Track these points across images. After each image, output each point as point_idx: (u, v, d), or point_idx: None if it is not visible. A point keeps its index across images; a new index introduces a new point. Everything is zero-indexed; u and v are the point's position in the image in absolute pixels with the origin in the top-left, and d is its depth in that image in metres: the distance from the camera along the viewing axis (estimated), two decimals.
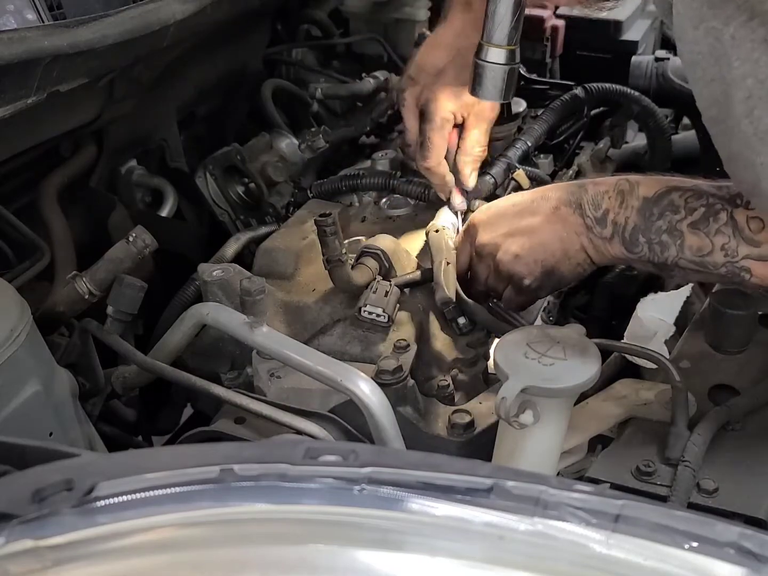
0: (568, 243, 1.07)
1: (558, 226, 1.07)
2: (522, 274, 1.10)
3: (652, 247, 1.01)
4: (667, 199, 1.00)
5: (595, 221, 1.04)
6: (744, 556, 0.47)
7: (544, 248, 1.08)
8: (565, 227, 1.06)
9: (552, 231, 1.07)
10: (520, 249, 1.10)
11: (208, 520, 0.51)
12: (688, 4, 0.79)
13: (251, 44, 1.72)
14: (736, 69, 0.78)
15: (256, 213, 1.47)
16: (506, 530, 0.49)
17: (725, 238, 0.96)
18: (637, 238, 1.01)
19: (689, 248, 0.98)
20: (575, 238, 1.06)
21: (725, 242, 0.96)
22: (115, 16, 1.03)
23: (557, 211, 1.07)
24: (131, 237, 1.14)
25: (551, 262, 1.09)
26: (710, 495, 0.84)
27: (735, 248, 0.95)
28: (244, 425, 1.03)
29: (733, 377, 1.02)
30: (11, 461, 0.57)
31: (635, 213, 1.01)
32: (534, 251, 1.09)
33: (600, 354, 0.91)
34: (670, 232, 0.99)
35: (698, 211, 0.97)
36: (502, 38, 1.14)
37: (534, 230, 1.09)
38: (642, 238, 1.01)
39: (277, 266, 1.20)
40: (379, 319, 1.09)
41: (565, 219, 1.06)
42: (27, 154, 1.23)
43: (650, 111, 1.61)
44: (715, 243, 0.96)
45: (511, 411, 0.85)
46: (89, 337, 1.13)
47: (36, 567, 0.48)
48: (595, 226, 1.04)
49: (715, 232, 0.96)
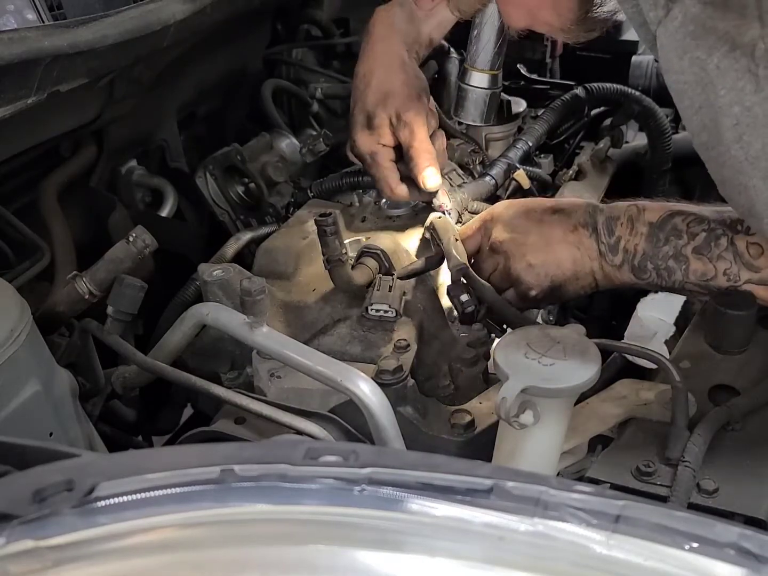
0: (580, 265, 1.10)
1: (574, 248, 1.10)
2: (531, 284, 1.12)
3: (660, 273, 1.04)
4: (670, 224, 1.03)
5: (608, 248, 1.08)
6: (744, 557, 0.47)
7: (558, 265, 1.11)
8: (580, 249, 1.10)
9: (568, 251, 1.10)
10: (536, 260, 1.12)
11: (209, 521, 0.51)
12: (671, 35, 0.80)
13: (251, 44, 1.72)
14: (722, 97, 0.79)
15: (256, 213, 1.47)
16: (506, 531, 0.49)
17: (727, 263, 0.99)
18: (645, 265, 1.05)
19: (693, 273, 1.02)
20: (588, 262, 1.10)
21: (727, 267, 0.99)
22: (115, 16, 1.03)
23: (576, 231, 1.10)
24: (131, 237, 1.14)
25: (560, 279, 1.12)
26: (710, 495, 0.84)
27: (737, 273, 0.99)
28: (244, 425, 1.03)
29: (733, 377, 1.02)
30: (11, 461, 0.57)
31: (643, 240, 1.05)
32: (548, 266, 1.11)
33: (600, 354, 0.91)
34: (675, 257, 1.02)
35: (700, 236, 1.01)
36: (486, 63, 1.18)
37: (552, 244, 1.12)
38: (650, 265, 1.04)
39: (277, 266, 1.21)
40: (387, 314, 1.09)
41: (581, 241, 1.10)
42: (27, 154, 1.23)
43: (651, 111, 1.62)
44: (717, 268, 1.00)
45: (511, 411, 0.85)
46: (89, 337, 1.14)
47: (36, 567, 0.48)
48: (607, 253, 1.08)
49: (717, 258, 1.00)
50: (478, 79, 1.19)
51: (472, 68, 1.19)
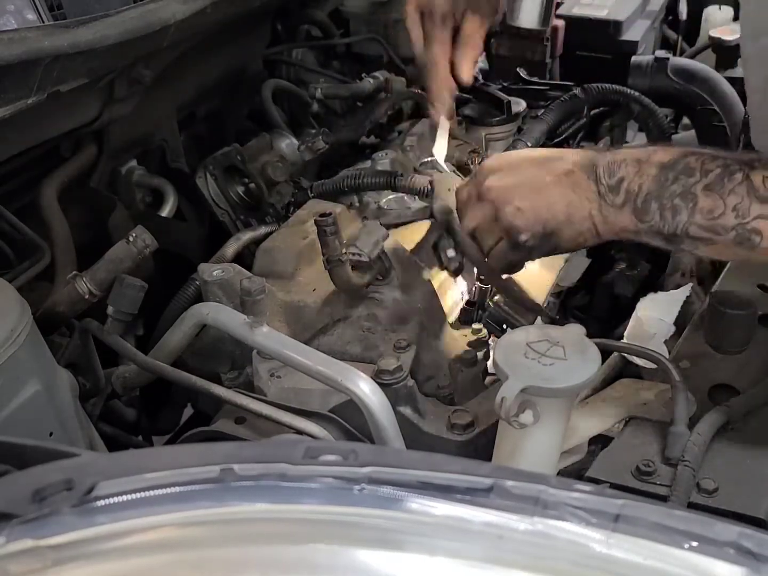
0: (575, 208, 1.04)
1: (569, 189, 1.04)
2: (521, 228, 1.06)
3: (664, 214, 0.98)
4: (683, 163, 0.97)
5: (608, 188, 1.01)
6: (743, 556, 0.47)
7: (550, 208, 1.05)
8: (576, 191, 1.04)
9: (561, 193, 1.04)
10: (526, 204, 1.06)
11: (208, 520, 0.51)
12: None
13: (251, 44, 1.72)
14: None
15: (256, 213, 1.47)
16: (506, 530, 0.49)
17: (738, 198, 0.93)
18: (649, 205, 0.98)
19: (701, 211, 0.95)
20: (585, 204, 1.03)
21: (738, 202, 0.93)
22: (115, 16, 1.03)
23: (571, 174, 1.04)
24: (131, 237, 1.14)
25: (553, 224, 1.05)
26: (710, 495, 0.84)
27: (747, 208, 0.93)
28: (244, 425, 1.03)
29: (733, 377, 1.02)
30: (11, 461, 0.57)
31: (650, 180, 0.99)
32: (539, 209, 1.05)
33: (600, 354, 0.91)
34: (683, 195, 0.96)
35: (714, 172, 0.95)
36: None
37: (544, 188, 1.06)
38: (654, 205, 0.98)
39: (277, 266, 1.21)
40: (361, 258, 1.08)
41: (577, 183, 1.04)
42: (27, 154, 1.23)
43: (650, 111, 1.62)
44: (727, 203, 0.94)
45: (511, 411, 0.85)
46: (89, 337, 1.14)
47: (36, 566, 0.48)
48: (607, 194, 1.01)
49: (728, 193, 0.94)
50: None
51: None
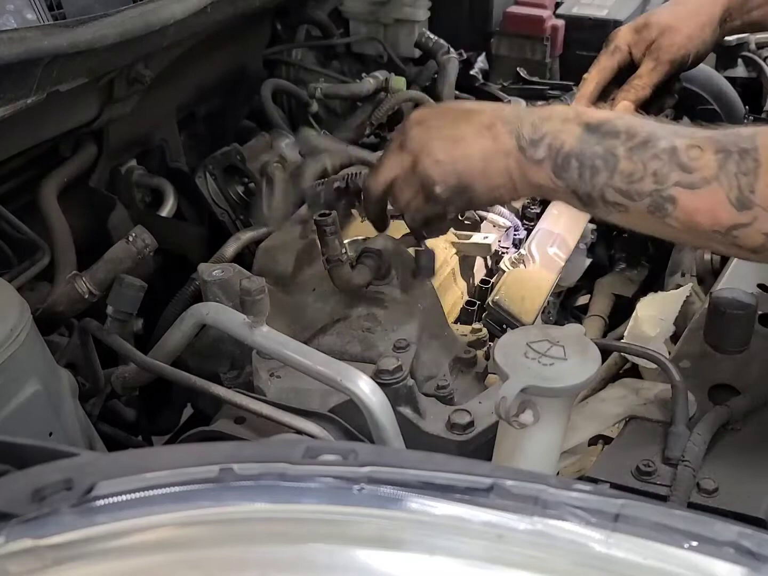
0: (491, 161, 1.01)
1: (487, 141, 1.01)
2: (436, 180, 1.03)
3: (582, 173, 0.94)
4: (610, 124, 0.95)
5: (529, 143, 0.98)
6: (743, 556, 0.47)
7: (466, 161, 1.02)
8: (494, 144, 1.01)
9: (479, 145, 1.01)
10: (444, 155, 1.03)
11: (208, 520, 0.51)
12: None
13: (251, 44, 1.72)
14: None
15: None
16: (506, 529, 0.49)
17: (659, 163, 0.90)
18: (569, 162, 0.95)
19: (621, 173, 0.92)
20: (501, 158, 1.00)
21: (658, 167, 0.90)
22: (115, 16, 1.02)
23: (492, 128, 1.01)
24: (131, 237, 1.14)
25: (467, 176, 1.02)
26: (710, 495, 0.84)
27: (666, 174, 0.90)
28: (244, 425, 1.03)
29: (733, 377, 1.02)
30: (11, 461, 0.57)
31: (574, 138, 0.96)
32: (455, 161, 1.02)
33: (600, 354, 0.91)
34: (604, 156, 0.93)
35: (639, 136, 0.92)
36: None
37: (462, 140, 1.03)
38: (575, 163, 0.95)
39: (277, 266, 1.20)
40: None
41: (496, 137, 1.01)
42: (27, 154, 1.23)
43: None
44: (647, 168, 0.91)
45: (511, 411, 0.85)
46: (89, 337, 1.14)
47: (36, 566, 0.48)
48: (528, 148, 0.98)
49: (651, 157, 0.91)
50: None
51: None
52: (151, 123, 1.48)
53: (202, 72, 1.56)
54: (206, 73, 1.58)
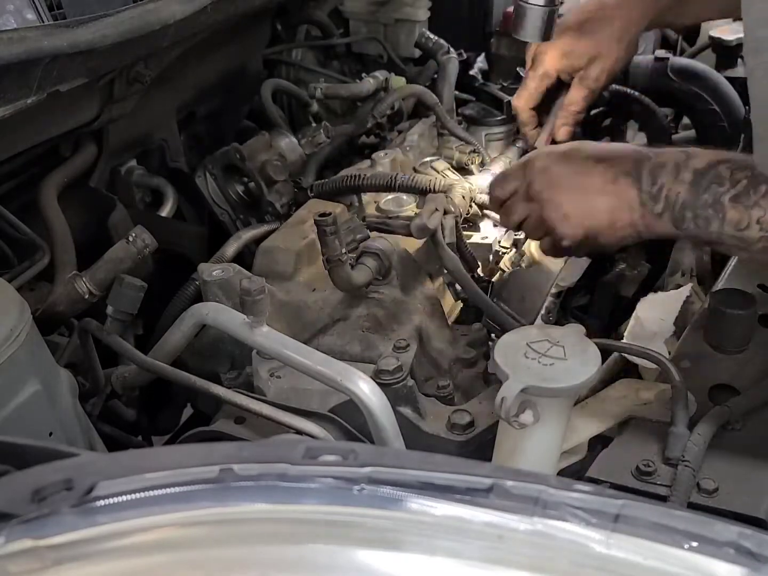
0: (617, 216, 1.07)
1: (613, 197, 1.07)
2: (565, 235, 1.12)
3: (698, 223, 1.00)
4: (715, 171, 0.99)
5: (650, 197, 1.04)
6: (743, 556, 0.47)
7: (594, 216, 1.09)
8: (619, 200, 1.07)
9: (605, 201, 1.08)
10: (572, 209, 1.10)
11: (208, 520, 0.51)
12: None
13: (251, 44, 1.72)
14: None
15: (255, 212, 1.47)
16: (506, 530, 0.49)
17: (761, 211, 0.95)
18: (684, 213, 1.01)
19: (729, 222, 0.97)
20: (627, 213, 1.06)
21: (761, 216, 0.95)
22: (115, 16, 1.02)
23: (616, 182, 1.07)
24: (131, 237, 1.14)
25: (595, 230, 1.10)
26: (710, 495, 0.84)
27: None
28: (244, 425, 1.03)
29: (733, 377, 1.02)
30: (11, 461, 0.57)
31: (686, 188, 1.01)
32: (583, 217, 1.10)
33: (600, 354, 0.91)
34: (713, 205, 0.98)
35: (741, 183, 0.97)
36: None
37: (588, 195, 1.09)
38: (689, 214, 1.00)
39: (277, 266, 1.20)
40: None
41: (621, 192, 1.06)
42: (27, 154, 1.23)
43: (651, 111, 1.62)
44: (752, 217, 0.96)
45: (511, 411, 0.85)
46: (89, 337, 1.14)
47: (36, 566, 0.48)
48: (649, 202, 1.04)
49: (753, 205, 0.95)
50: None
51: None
52: (151, 123, 1.48)
53: (202, 72, 1.56)
54: (206, 73, 1.58)
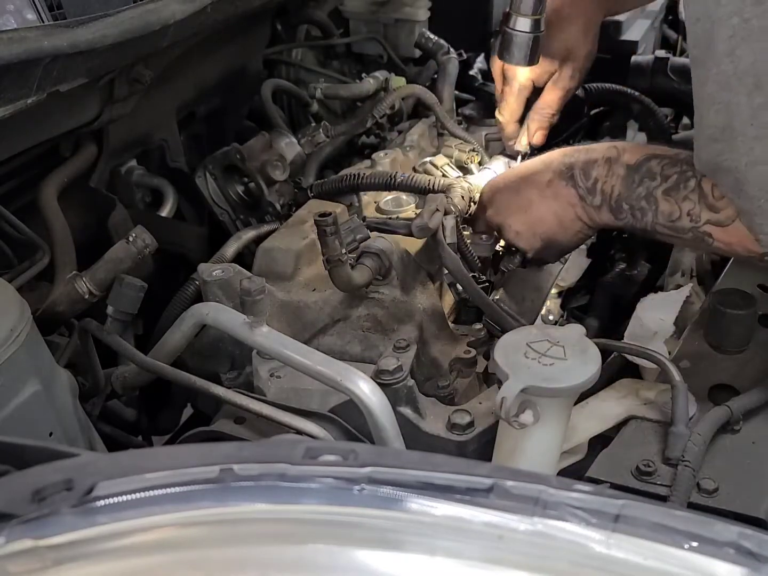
0: (562, 215, 1.14)
1: (552, 200, 1.15)
2: (524, 249, 1.20)
3: (634, 213, 1.07)
4: (646, 167, 1.05)
5: (586, 191, 1.11)
6: (743, 556, 0.47)
7: (541, 223, 1.17)
8: (558, 200, 1.14)
9: (546, 206, 1.15)
10: (520, 226, 1.19)
11: (208, 520, 0.51)
12: None
13: (251, 44, 1.72)
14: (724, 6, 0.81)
15: (255, 212, 1.47)
16: (506, 530, 0.49)
17: (691, 204, 1.01)
18: (621, 205, 1.08)
19: (662, 214, 1.04)
20: (569, 209, 1.13)
21: (690, 208, 1.01)
22: (115, 16, 1.02)
23: (551, 185, 1.14)
24: (131, 237, 1.14)
25: (549, 234, 1.17)
26: (710, 495, 0.84)
27: (698, 214, 1.01)
28: (244, 425, 1.03)
29: (733, 377, 1.02)
30: (11, 461, 0.57)
31: (620, 181, 1.07)
32: (532, 227, 1.18)
33: (600, 354, 0.91)
34: (647, 198, 1.05)
35: (672, 178, 1.03)
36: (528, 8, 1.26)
37: (530, 206, 1.17)
38: (625, 205, 1.07)
39: (277, 266, 1.20)
40: None
41: (558, 192, 1.14)
42: (27, 154, 1.23)
43: (650, 111, 1.62)
44: (682, 209, 1.02)
45: (511, 411, 0.85)
46: (89, 337, 1.14)
47: (36, 567, 0.48)
48: (587, 196, 1.11)
49: (683, 199, 1.02)
50: (522, 23, 1.27)
51: (517, 13, 1.27)
52: (151, 123, 1.48)
53: (202, 72, 1.56)
54: (206, 73, 1.58)
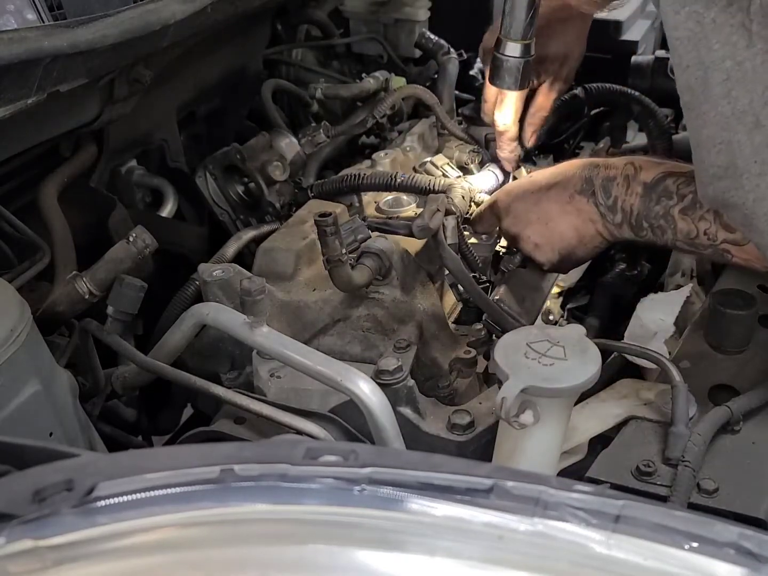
0: (583, 230, 1.15)
1: (573, 216, 1.15)
2: (541, 261, 1.21)
3: (654, 231, 1.08)
4: (662, 185, 1.07)
5: (607, 209, 1.12)
6: (744, 556, 0.47)
7: (561, 237, 1.17)
8: (579, 216, 1.15)
9: (568, 221, 1.16)
10: (539, 239, 1.20)
11: (208, 520, 0.51)
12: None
13: (251, 44, 1.72)
14: (716, 52, 0.83)
15: (255, 212, 1.47)
16: (506, 530, 0.49)
17: (707, 223, 1.02)
18: (641, 223, 1.09)
19: (680, 232, 1.05)
20: (590, 225, 1.14)
21: (707, 228, 1.03)
22: (115, 16, 1.02)
23: (572, 201, 1.15)
24: (131, 237, 1.14)
25: (568, 249, 1.18)
26: (710, 495, 0.84)
27: (715, 233, 1.02)
28: (244, 425, 1.03)
29: (733, 377, 1.02)
30: (11, 461, 0.57)
31: (638, 200, 1.08)
32: (552, 241, 1.18)
33: (600, 354, 0.91)
34: (665, 217, 1.06)
35: (687, 197, 1.04)
36: (518, 33, 1.25)
37: (551, 219, 1.18)
38: (645, 223, 1.08)
39: (277, 266, 1.20)
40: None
41: (579, 209, 1.14)
42: (27, 154, 1.23)
43: (650, 111, 1.61)
44: (699, 228, 1.03)
45: (511, 411, 0.85)
46: (89, 337, 1.14)
47: (36, 567, 0.48)
48: (608, 214, 1.12)
49: (699, 219, 1.03)
50: (512, 48, 1.27)
51: (507, 38, 1.27)
52: (151, 123, 1.48)
53: (202, 72, 1.56)
54: (206, 73, 1.58)
